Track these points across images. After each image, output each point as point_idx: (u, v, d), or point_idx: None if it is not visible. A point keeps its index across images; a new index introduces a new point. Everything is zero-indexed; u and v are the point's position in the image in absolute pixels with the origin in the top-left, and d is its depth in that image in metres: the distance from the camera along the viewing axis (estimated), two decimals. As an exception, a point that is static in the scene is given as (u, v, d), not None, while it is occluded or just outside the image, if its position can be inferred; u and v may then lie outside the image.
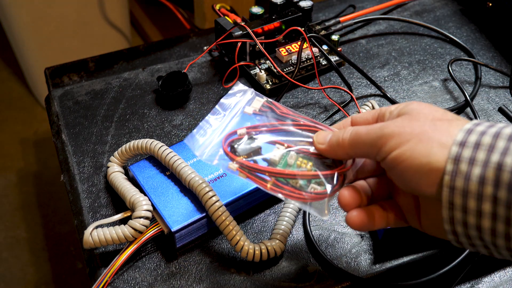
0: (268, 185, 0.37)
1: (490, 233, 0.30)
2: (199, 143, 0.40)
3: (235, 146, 0.38)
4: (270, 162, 0.38)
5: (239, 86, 0.43)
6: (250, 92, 0.42)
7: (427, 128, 0.32)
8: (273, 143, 0.39)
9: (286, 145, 0.39)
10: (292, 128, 0.40)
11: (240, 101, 0.42)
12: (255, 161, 0.38)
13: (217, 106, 0.42)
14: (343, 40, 0.69)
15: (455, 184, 0.30)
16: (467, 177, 0.30)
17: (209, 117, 0.41)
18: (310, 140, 0.39)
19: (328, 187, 0.37)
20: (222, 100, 0.42)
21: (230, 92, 0.42)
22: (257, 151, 0.38)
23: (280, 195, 0.37)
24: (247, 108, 0.41)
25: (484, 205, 0.29)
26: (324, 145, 0.37)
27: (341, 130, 0.37)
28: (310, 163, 0.38)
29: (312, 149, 0.39)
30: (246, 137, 0.39)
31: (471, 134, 0.31)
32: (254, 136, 0.39)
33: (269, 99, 0.42)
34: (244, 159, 0.38)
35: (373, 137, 0.34)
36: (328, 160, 0.38)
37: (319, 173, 0.37)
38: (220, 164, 0.39)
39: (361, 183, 0.39)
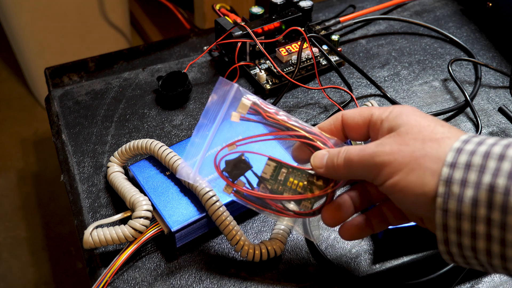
0: (261, 207, 0.39)
1: (486, 254, 0.30)
2: (191, 167, 0.41)
3: (227, 169, 0.39)
4: (261, 180, 0.39)
5: (223, 83, 0.40)
6: (234, 90, 0.39)
7: (417, 154, 0.32)
8: (263, 155, 0.40)
9: (276, 161, 0.40)
10: (279, 138, 0.41)
11: (225, 102, 0.40)
12: (248, 181, 0.40)
13: (201, 118, 0.40)
14: (343, 40, 0.69)
15: (448, 207, 0.30)
16: (460, 199, 0.30)
17: (196, 134, 0.40)
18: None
19: (318, 205, 0.39)
20: (206, 107, 0.40)
21: (213, 92, 0.40)
22: (248, 170, 0.40)
23: (273, 216, 0.39)
24: (234, 116, 0.39)
25: (478, 227, 0.29)
26: (322, 169, 0.38)
27: (335, 152, 0.37)
28: (301, 183, 0.39)
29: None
30: (236, 156, 0.39)
31: (461, 154, 0.30)
32: (244, 157, 0.40)
33: (255, 100, 0.39)
34: (237, 185, 0.39)
35: (366, 165, 0.34)
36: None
37: (308, 196, 0.38)
38: (215, 187, 0.40)
39: (357, 188, 0.39)
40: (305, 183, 0.39)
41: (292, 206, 0.39)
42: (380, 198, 0.39)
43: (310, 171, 0.39)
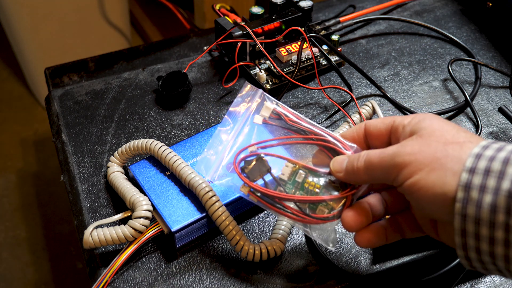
0: (277, 209, 0.38)
1: (504, 260, 0.30)
2: (210, 164, 0.41)
3: (245, 169, 0.39)
4: (278, 181, 0.39)
5: (248, 88, 0.42)
6: (259, 95, 0.42)
7: (439, 155, 0.32)
8: (282, 158, 0.40)
9: (295, 163, 0.39)
10: (301, 141, 0.40)
11: (250, 106, 0.42)
12: (266, 183, 0.39)
13: (226, 116, 0.42)
14: (343, 40, 0.69)
15: (466, 212, 0.30)
16: (479, 204, 0.30)
17: (219, 131, 0.42)
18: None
19: (336, 211, 0.38)
20: (230, 108, 0.42)
21: (239, 95, 0.42)
22: (267, 171, 0.39)
23: (289, 220, 0.39)
24: (257, 118, 0.41)
25: (497, 233, 0.29)
26: (342, 173, 0.38)
27: (355, 156, 0.37)
28: (318, 185, 0.39)
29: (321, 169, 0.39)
30: (255, 157, 0.39)
31: (480, 159, 0.30)
32: (264, 157, 0.40)
33: (279, 104, 0.42)
34: (255, 184, 0.39)
35: (386, 166, 0.34)
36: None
37: (326, 198, 0.38)
38: (231, 187, 0.40)
39: (374, 197, 0.39)
40: (324, 186, 0.39)
41: (308, 211, 0.39)
42: (397, 208, 0.39)
43: (329, 175, 0.39)
